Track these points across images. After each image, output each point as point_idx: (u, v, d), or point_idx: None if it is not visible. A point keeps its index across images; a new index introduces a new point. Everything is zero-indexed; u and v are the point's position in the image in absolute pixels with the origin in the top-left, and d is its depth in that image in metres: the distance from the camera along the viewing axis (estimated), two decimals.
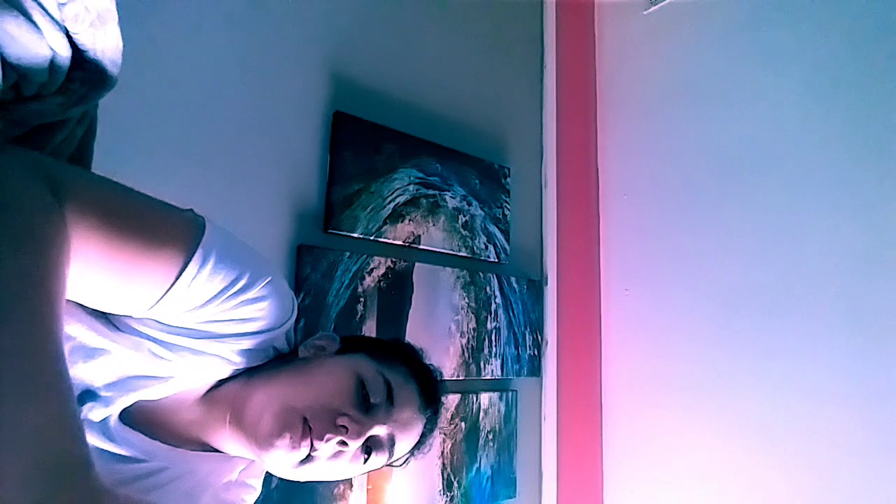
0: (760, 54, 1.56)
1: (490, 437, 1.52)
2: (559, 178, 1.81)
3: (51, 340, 0.43)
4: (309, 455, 0.63)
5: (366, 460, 0.68)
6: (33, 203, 0.46)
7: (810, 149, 1.43)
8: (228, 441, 0.66)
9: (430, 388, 0.77)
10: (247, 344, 0.65)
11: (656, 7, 1.81)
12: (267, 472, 0.73)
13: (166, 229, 0.56)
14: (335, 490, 1.22)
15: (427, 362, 0.82)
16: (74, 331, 0.57)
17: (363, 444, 0.67)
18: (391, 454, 0.71)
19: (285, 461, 0.63)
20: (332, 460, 0.65)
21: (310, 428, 0.62)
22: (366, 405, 0.67)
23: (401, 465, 0.78)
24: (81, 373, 0.58)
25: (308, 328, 1.20)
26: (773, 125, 1.50)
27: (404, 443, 0.72)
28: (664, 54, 1.79)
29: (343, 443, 0.64)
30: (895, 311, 1.25)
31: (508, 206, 1.67)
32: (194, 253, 0.55)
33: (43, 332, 0.42)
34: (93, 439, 0.60)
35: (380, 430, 0.68)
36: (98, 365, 0.59)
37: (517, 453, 1.57)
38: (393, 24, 1.50)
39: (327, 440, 0.63)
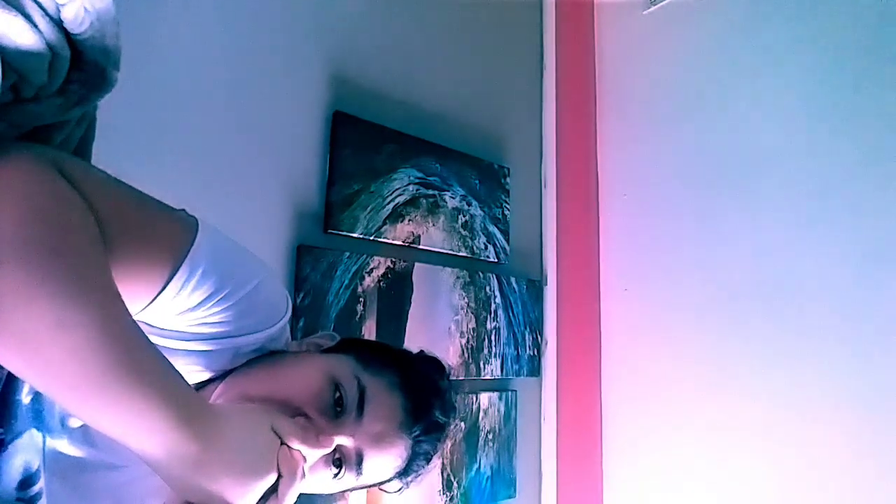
0: (760, 54, 1.55)
1: (490, 437, 1.52)
2: (559, 178, 1.81)
3: (127, 312, 0.46)
4: None
5: (336, 475, 0.60)
6: (62, 188, 0.46)
7: (810, 149, 1.43)
8: None
9: (421, 406, 0.66)
10: (237, 345, 0.62)
11: (656, 7, 1.81)
12: None
13: (159, 231, 0.55)
14: None
15: (436, 379, 0.72)
16: None
17: (332, 455, 0.59)
18: (359, 473, 0.61)
19: None
20: None
21: None
22: (335, 411, 0.60)
23: (394, 493, 0.70)
24: None
25: (308, 328, 1.20)
26: (772, 125, 1.50)
27: (376, 462, 0.62)
28: (664, 54, 1.79)
29: None
30: (894, 310, 1.26)
31: (508, 206, 1.67)
32: (184, 259, 0.54)
33: (119, 304, 0.45)
34: (75, 445, 0.59)
35: (345, 442, 0.60)
36: None
37: (517, 453, 1.57)
38: (393, 25, 1.50)
39: None
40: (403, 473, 0.67)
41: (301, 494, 0.64)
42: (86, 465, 0.60)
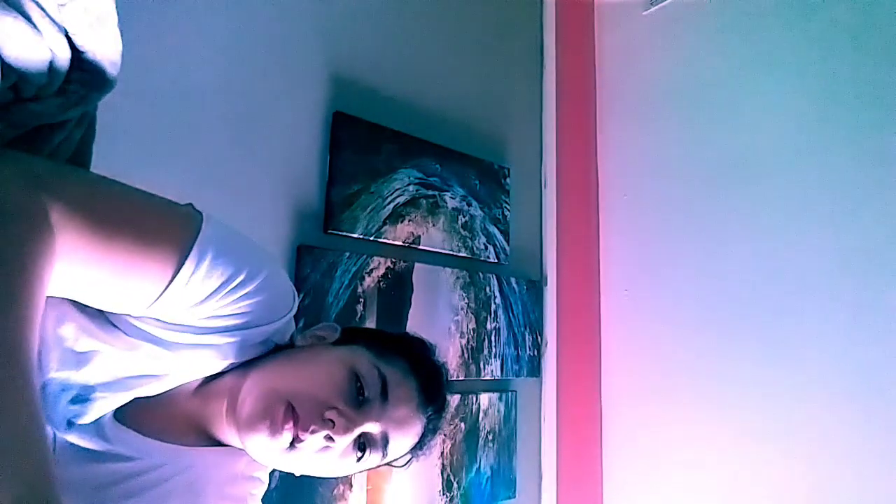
0: (760, 54, 1.56)
1: (490, 437, 1.52)
2: (559, 179, 1.81)
3: (21, 354, 0.42)
4: (293, 444, 0.60)
5: (359, 458, 0.65)
6: (14, 209, 0.45)
7: (809, 149, 1.43)
8: (228, 432, 0.65)
9: (432, 387, 0.72)
10: (246, 337, 0.63)
11: (656, 7, 1.81)
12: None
13: (162, 226, 0.55)
14: (335, 490, 1.22)
15: (435, 359, 0.78)
16: (65, 332, 0.57)
17: (357, 440, 0.64)
18: (385, 453, 0.67)
19: (268, 448, 0.61)
20: (320, 454, 0.63)
21: (296, 416, 0.60)
22: (359, 400, 0.64)
23: (402, 467, 0.75)
24: (73, 377, 0.58)
25: (307, 328, 1.20)
26: (772, 125, 1.50)
27: (399, 442, 0.68)
28: (664, 54, 1.79)
29: (329, 438, 0.61)
30: (894, 311, 1.26)
31: (508, 207, 1.67)
32: (191, 250, 0.54)
33: (13, 345, 0.41)
34: (86, 439, 0.60)
35: (372, 428, 0.64)
36: (91, 368, 0.58)
37: (517, 454, 1.57)
38: (393, 25, 1.50)
39: (312, 432, 0.60)
40: (417, 448, 0.73)
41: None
42: (97, 457, 0.60)
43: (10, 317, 0.42)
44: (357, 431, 0.63)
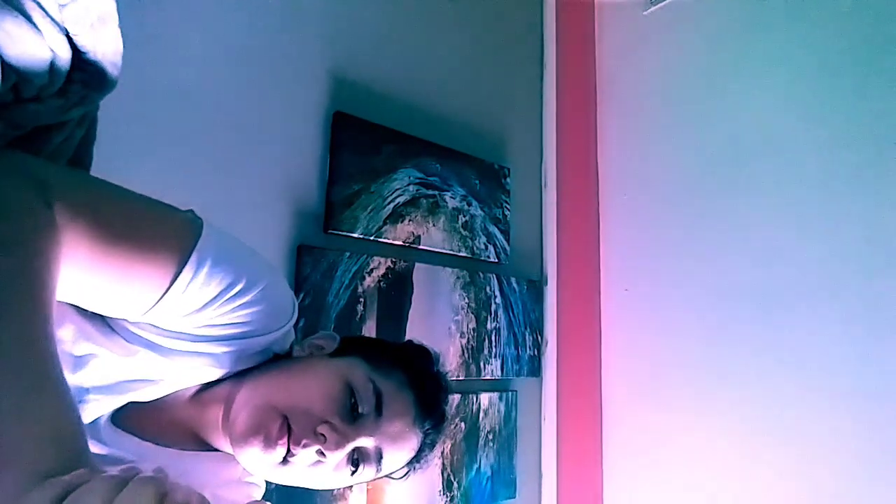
0: (760, 54, 1.55)
1: (490, 437, 1.52)
2: (559, 179, 1.81)
3: (43, 341, 0.43)
4: (286, 459, 0.60)
5: (353, 472, 0.64)
6: (23, 207, 0.46)
7: (810, 147, 1.42)
8: (224, 440, 0.65)
9: (429, 401, 0.71)
10: (244, 346, 0.63)
11: (656, 7, 1.81)
12: None
13: (161, 233, 0.55)
14: (335, 490, 1.22)
15: (436, 370, 0.77)
16: (64, 335, 0.57)
17: (351, 454, 0.63)
18: (379, 468, 0.66)
19: (260, 462, 0.60)
20: (313, 468, 0.62)
21: (289, 430, 0.60)
22: (353, 414, 0.63)
23: (400, 479, 0.74)
24: (70, 380, 0.58)
25: (308, 328, 1.20)
26: (772, 125, 1.50)
27: (394, 457, 0.67)
28: (664, 54, 1.79)
29: (321, 452, 0.60)
30: (894, 308, 1.26)
31: (508, 207, 1.67)
32: (189, 257, 0.54)
33: (35, 333, 0.43)
34: None
35: (366, 443, 0.64)
36: (86, 371, 0.58)
37: (517, 453, 1.57)
38: (393, 25, 1.50)
39: (304, 446, 0.59)
40: (414, 462, 0.72)
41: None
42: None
43: (31, 308, 0.43)
44: (349, 447, 0.62)
